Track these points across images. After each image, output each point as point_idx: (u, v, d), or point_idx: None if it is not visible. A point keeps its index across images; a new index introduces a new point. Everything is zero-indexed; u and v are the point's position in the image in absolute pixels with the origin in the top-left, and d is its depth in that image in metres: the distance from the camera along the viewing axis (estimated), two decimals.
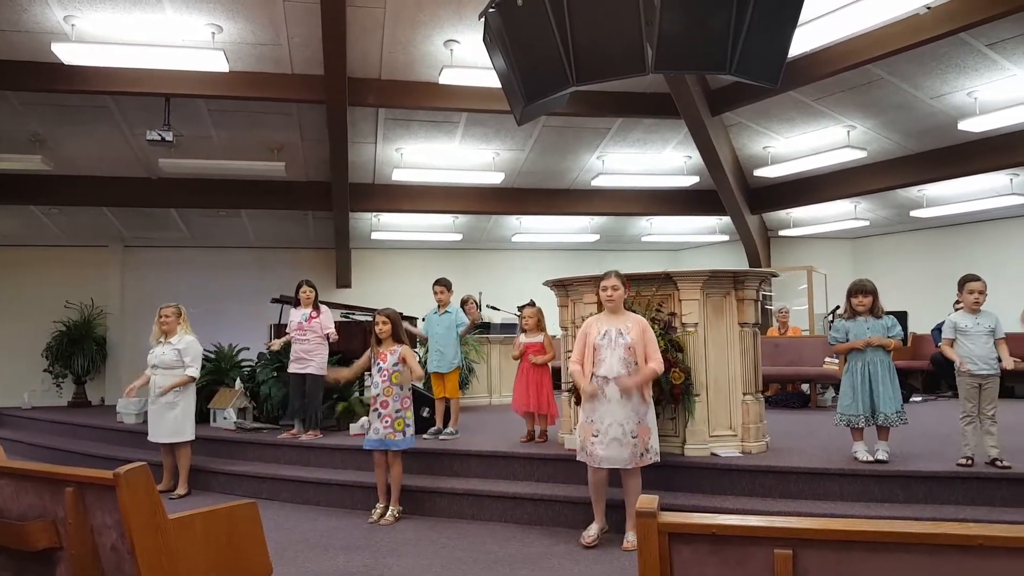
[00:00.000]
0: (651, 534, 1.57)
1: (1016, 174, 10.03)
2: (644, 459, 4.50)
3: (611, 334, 4.49)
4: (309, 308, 7.06)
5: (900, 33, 7.37)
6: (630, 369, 4.44)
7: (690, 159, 11.33)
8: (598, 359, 4.49)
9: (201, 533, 2.44)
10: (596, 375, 4.50)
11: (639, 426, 4.45)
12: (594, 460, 4.51)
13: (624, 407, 4.42)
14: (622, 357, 4.44)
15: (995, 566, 1.37)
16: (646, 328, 4.58)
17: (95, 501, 2.24)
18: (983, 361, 4.90)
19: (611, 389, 4.44)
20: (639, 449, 4.45)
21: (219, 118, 9.49)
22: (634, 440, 4.43)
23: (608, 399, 4.45)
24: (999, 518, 4.41)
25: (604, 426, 4.45)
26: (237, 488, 6.44)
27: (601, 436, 4.45)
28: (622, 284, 4.62)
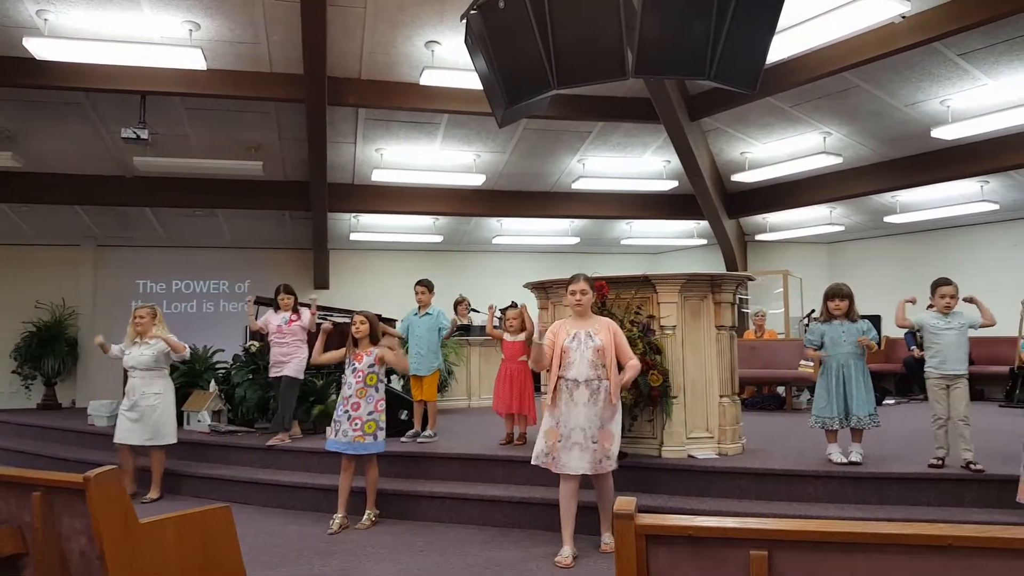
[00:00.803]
0: (628, 536, 1.58)
1: (986, 181, 10.20)
2: (602, 466, 4.40)
3: (580, 336, 4.46)
4: (289, 312, 7.01)
5: (875, 42, 7.48)
6: (599, 372, 4.40)
7: (669, 163, 11.40)
8: (567, 361, 4.44)
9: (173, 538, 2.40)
10: (565, 378, 4.43)
11: (601, 431, 4.38)
12: (555, 466, 4.41)
13: (589, 411, 4.36)
14: (590, 360, 4.41)
15: (965, 565, 1.39)
16: (616, 330, 4.55)
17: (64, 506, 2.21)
18: (952, 361, 4.97)
19: (580, 393, 4.39)
20: (599, 455, 4.37)
21: (196, 116, 9.40)
22: (594, 445, 4.36)
23: (576, 402, 4.40)
24: (968, 518, 4.48)
25: (568, 430, 4.39)
26: (211, 492, 6.36)
27: (564, 441, 4.39)
28: (591, 288, 4.59)
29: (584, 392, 4.38)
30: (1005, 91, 8.01)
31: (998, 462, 4.94)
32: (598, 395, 4.39)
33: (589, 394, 4.38)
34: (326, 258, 13.20)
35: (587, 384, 4.39)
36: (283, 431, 6.81)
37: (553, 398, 4.48)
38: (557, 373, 4.46)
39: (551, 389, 4.50)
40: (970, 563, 1.39)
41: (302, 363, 6.92)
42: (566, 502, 4.49)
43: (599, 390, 4.39)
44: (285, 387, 6.87)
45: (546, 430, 4.52)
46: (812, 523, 1.53)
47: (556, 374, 4.47)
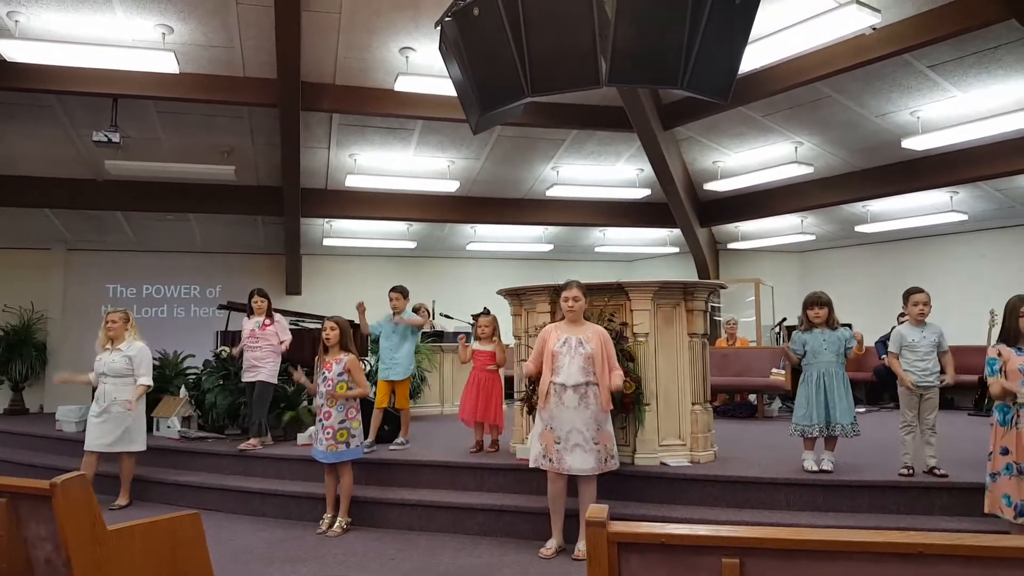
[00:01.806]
0: (601, 543, 1.57)
1: (956, 192, 10.40)
2: (608, 464, 4.55)
3: (571, 342, 4.53)
4: (262, 317, 6.94)
5: (847, 52, 7.59)
6: (588, 377, 4.48)
7: (642, 172, 11.48)
8: (557, 366, 4.53)
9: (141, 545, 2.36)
10: (554, 382, 4.51)
11: (599, 432, 4.49)
12: (562, 466, 4.50)
13: (583, 413, 4.46)
14: (581, 366, 4.48)
15: (934, 572, 1.41)
16: (607, 340, 4.64)
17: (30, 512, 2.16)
18: (926, 373, 5.04)
19: (568, 396, 4.46)
20: (603, 455, 4.50)
21: (168, 120, 9.30)
22: (597, 447, 4.47)
23: (566, 406, 4.47)
24: (938, 526, 4.53)
25: (564, 432, 4.47)
26: (180, 499, 6.27)
27: (563, 443, 4.47)
28: (583, 294, 4.66)
29: (573, 396, 4.46)
30: (974, 103, 8.17)
31: (966, 470, 5.01)
32: (587, 399, 4.47)
33: (578, 398, 4.47)
34: (298, 263, 13.10)
35: (575, 389, 4.47)
36: (258, 436, 6.73)
37: (543, 401, 4.55)
38: (548, 378, 4.53)
39: (542, 393, 4.57)
40: (939, 570, 1.41)
41: (275, 368, 6.86)
42: (555, 500, 4.64)
43: (587, 394, 4.48)
44: (259, 392, 6.80)
45: (539, 433, 4.62)
46: (783, 531, 1.53)
47: (547, 379, 4.53)
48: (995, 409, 4.14)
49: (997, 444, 4.05)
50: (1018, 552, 1.39)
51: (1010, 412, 4.02)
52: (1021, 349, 4.07)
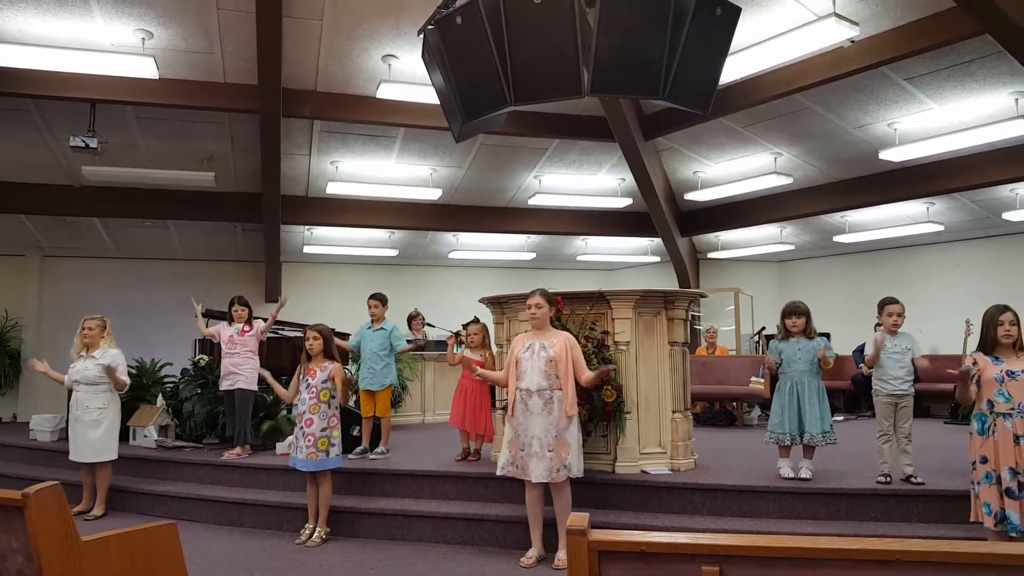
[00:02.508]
0: (581, 552, 1.57)
1: (932, 203, 10.54)
2: (559, 475, 4.47)
3: (535, 347, 4.56)
4: (242, 324, 6.89)
5: (826, 65, 7.69)
6: (551, 382, 4.48)
7: (624, 181, 11.54)
8: (520, 371, 4.55)
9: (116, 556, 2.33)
10: (519, 388, 4.54)
11: (556, 440, 4.46)
12: (526, 473, 4.52)
13: (544, 420, 4.46)
14: (542, 369, 4.49)
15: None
16: (573, 345, 4.65)
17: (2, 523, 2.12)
18: (900, 381, 5.10)
19: (534, 402, 4.47)
20: (555, 464, 4.45)
21: (147, 125, 9.22)
22: (550, 454, 4.44)
23: (531, 411, 4.48)
24: (915, 533, 4.58)
25: (528, 439, 4.49)
26: (157, 509, 6.19)
27: (527, 449, 4.49)
28: (547, 302, 4.69)
29: (537, 401, 4.47)
30: (950, 115, 8.30)
31: (942, 478, 5.07)
32: (551, 404, 4.46)
33: (543, 404, 4.46)
34: (278, 271, 13.02)
35: (540, 394, 4.47)
36: (241, 445, 6.67)
37: (511, 409, 4.58)
38: (515, 385, 4.54)
39: (510, 401, 4.59)
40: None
41: (254, 374, 6.80)
42: (532, 508, 4.66)
43: (552, 400, 4.47)
44: (240, 400, 6.74)
45: (508, 440, 4.65)
46: (763, 538, 1.54)
47: (514, 386, 4.54)
48: (973, 418, 4.18)
49: (976, 453, 4.09)
50: (993, 558, 1.41)
51: (987, 421, 4.07)
52: (998, 359, 4.13)
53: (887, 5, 6.81)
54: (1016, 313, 4.15)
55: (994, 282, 10.91)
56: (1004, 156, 8.82)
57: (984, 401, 4.10)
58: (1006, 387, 4.02)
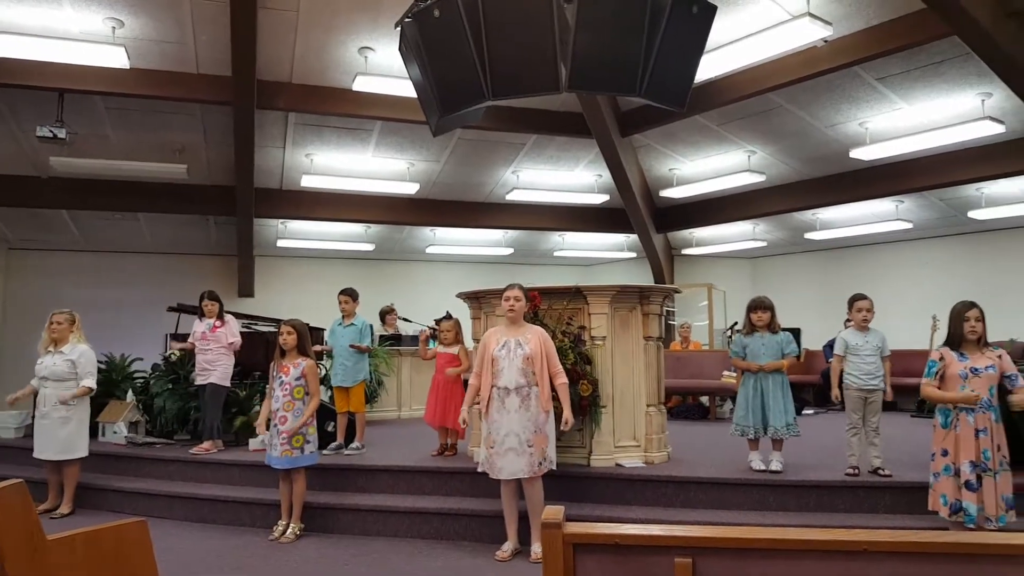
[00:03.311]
0: (556, 545, 1.58)
1: (901, 201, 10.71)
2: (541, 468, 4.52)
3: (510, 345, 4.55)
4: (214, 319, 6.81)
5: (799, 64, 7.78)
6: (528, 379, 4.49)
7: (601, 178, 11.58)
8: (496, 369, 4.54)
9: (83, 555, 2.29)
10: (496, 386, 4.53)
11: (535, 435, 4.48)
12: (493, 471, 4.53)
13: (522, 416, 4.46)
14: (520, 367, 4.49)
15: (879, 569, 1.45)
16: (546, 339, 4.64)
17: None
18: (869, 376, 5.18)
19: (511, 400, 4.47)
20: (536, 458, 4.48)
21: (117, 116, 9.08)
22: (530, 449, 4.45)
23: (507, 410, 4.47)
24: (882, 524, 4.66)
25: (501, 436, 4.48)
26: (127, 506, 6.11)
27: (498, 447, 4.49)
28: (524, 296, 4.68)
29: (515, 399, 4.47)
30: (919, 115, 8.43)
31: (909, 470, 5.16)
32: (529, 401, 4.48)
33: (520, 401, 4.46)
34: (251, 265, 12.91)
35: (517, 391, 4.47)
36: (211, 439, 6.60)
37: (487, 406, 4.56)
38: (490, 382, 4.53)
39: (484, 398, 4.57)
40: (883, 566, 1.45)
41: (228, 370, 6.74)
42: (507, 504, 4.67)
43: (529, 396, 4.49)
44: (211, 394, 6.67)
45: (484, 437, 4.66)
46: (734, 530, 1.56)
47: (489, 383, 4.53)
48: (937, 412, 4.27)
49: (938, 446, 4.18)
50: (954, 547, 1.44)
51: (951, 415, 4.16)
52: (964, 355, 4.21)
53: (860, 6, 6.90)
54: (982, 310, 4.24)
55: (960, 279, 11.12)
56: (971, 156, 8.99)
57: None
58: (969, 383, 4.11)
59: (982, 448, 4.02)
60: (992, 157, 8.87)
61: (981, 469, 4.02)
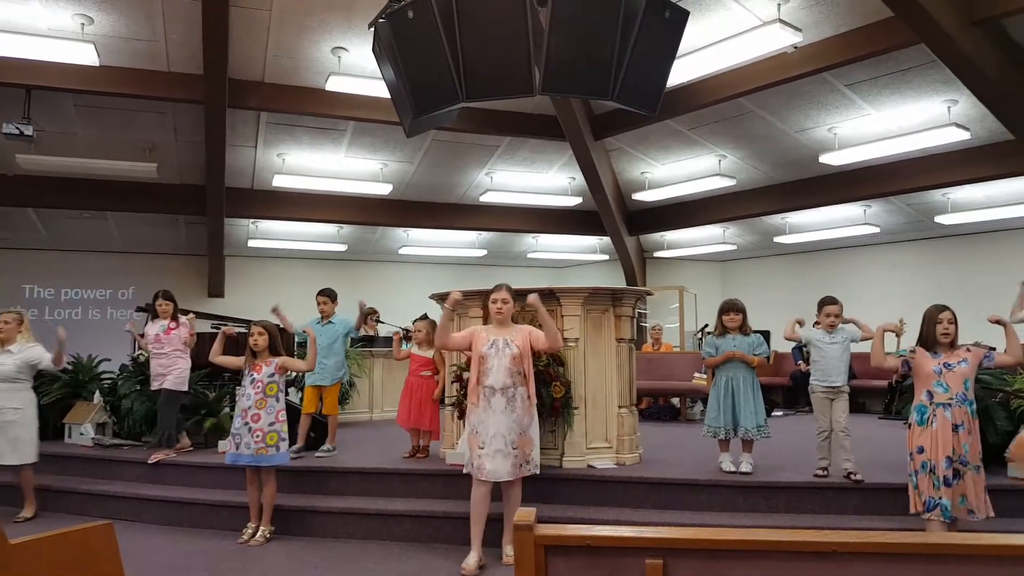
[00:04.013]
0: (528, 547, 1.58)
1: (869, 206, 10.88)
2: (523, 470, 4.51)
3: (499, 344, 4.53)
4: (167, 320, 6.67)
5: (769, 69, 7.87)
6: (516, 379, 4.47)
7: (574, 180, 11.63)
8: (485, 368, 4.50)
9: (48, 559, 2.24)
10: (483, 384, 4.49)
11: (520, 437, 4.46)
12: (481, 473, 4.46)
13: (508, 417, 4.43)
14: (508, 367, 4.47)
15: (848, 570, 1.47)
16: (532, 331, 4.64)
17: None
18: (835, 375, 5.25)
19: (497, 400, 4.45)
20: (519, 460, 4.46)
21: (86, 114, 8.93)
22: (514, 451, 4.43)
23: (493, 409, 4.45)
24: (851, 525, 4.73)
25: (488, 437, 4.44)
26: (94, 509, 6.01)
27: (487, 448, 4.44)
28: (512, 298, 4.67)
29: (501, 399, 4.44)
30: (887, 121, 8.58)
31: (877, 471, 5.24)
32: (515, 402, 4.45)
33: (506, 401, 4.44)
34: (222, 265, 12.77)
35: (503, 391, 4.45)
36: (164, 448, 6.46)
37: (472, 405, 4.53)
38: (477, 380, 4.51)
39: (471, 397, 4.55)
40: (852, 568, 1.47)
41: (183, 374, 6.58)
42: (477, 507, 4.53)
43: (515, 397, 4.46)
44: (164, 400, 6.51)
45: (468, 436, 4.61)
46: (705, 531, 1.58)
47: (476, 381, 4.52)
48: (912, 410, 4.32)
49: (914, 443, 4.22)
50: (924, 548, 1.47)
51: (927, 412, 4.21)
52: (936, 353, 4.28)
53: (829, 13, 7.00)
54: (954, 312, 4.32)
55: (927, 283, 11.33)
56: (937, 162, 9.16)
57: (923, 393, 4.24)
58: (944, 378, 4.18)
59: (961, 442, 4.08)
60: (958, 163, 9.05)
61: (960, 463, 4.07)
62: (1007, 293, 10.25)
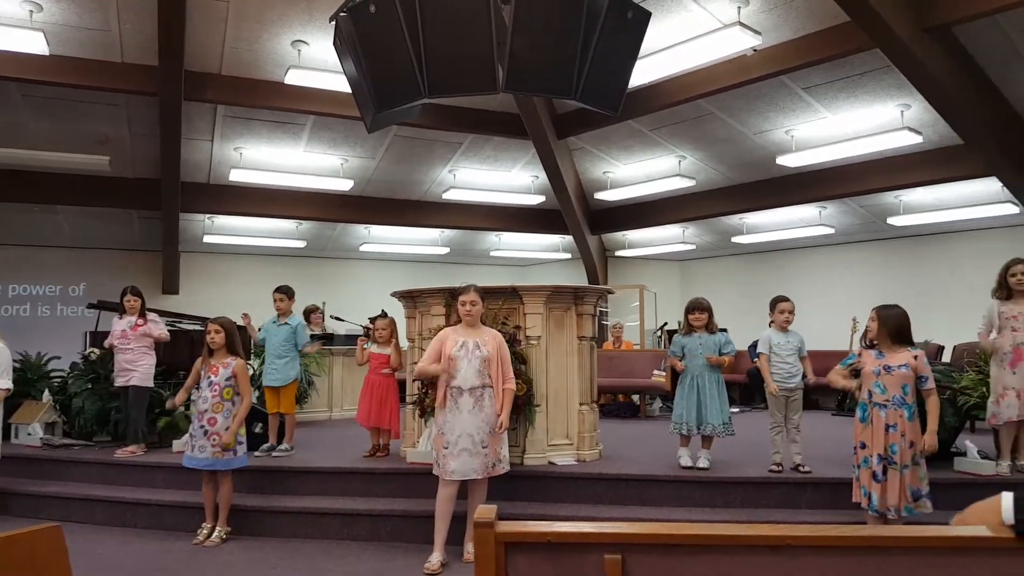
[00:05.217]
0: (488, 544, 1.58)
1: (824, 207, 11.10)
2: (496, 469, 4.52)
3: (468, 346, 4.52)
4: (135, 316, 6.56)
5: (729, 72, 7.98)
6: (484, 381, 4.48)
7: (537, 179, 11.65)
8: (454, 369, 4.49)
9: None
10: (451, 386, 4.48)
11: (490, 436, 4.47)
12: (446, 473, 4.45)
13: (475, 417, 4.43)
14: (477, 369, 4.47)
15: (801, 563, 1.50)
16: (502, 344, 4.64)
17: None
18: (790, 376, 5.37)
19: (464, 400, 4.44)
20: (490, 459, 4.48)
21: (35, 104, 8.68)
22: (484, 450, 4.44)
23: (460, 410, 4.44)
24: (804, 519, 4.83)
25: (454, 437, 4.43)
26: (42, 511, 5.84)
27: (451, 448, 4.43)
28: (480, 299, 4.65)
29: (468, 400, 4.44)
30: (842, 124, 8.76)
31: (829, 466, 5.36)
32: (482, 401, 4.45)
33: (473, 401, 4.44)
34: (176, 261, 12.52)
35: (471, 392, 4.44)
36: (136, 443, 6.36)
37: (440, 405, 4.52)
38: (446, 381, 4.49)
39: (439, 397, 4.53)
40: (805, 560, 1.50)
41: (150, 370, 6.50)
42: (443, 507, 4.52)
43: (483, 397, 4.46)
44: (134, 397, 6.42)
45: (434, 437, 4.61)
46: (663, 527, 1.59)
47: (445, 382, 4.50)
48: (857, 407, 4.45)
49: (858, 439, 4.37)
50: (871, 541, 1.51)
51: (867, 410, 4.34)
52: (882, 353, 4.39)
53: (788, 17, 7.12)
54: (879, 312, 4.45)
55: (879, 282, 11.60)
56: (890, 164, 9.39)
57: (865, 392, 4.39)
58: (882, 380, 4.31)
59: (890, 442, 4.21)
60: (910, 166, 9.28)
61: (888, 462, 4.20)
62: (955, 292, 10.58)
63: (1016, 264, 5.12)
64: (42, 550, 2.35)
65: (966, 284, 10.25)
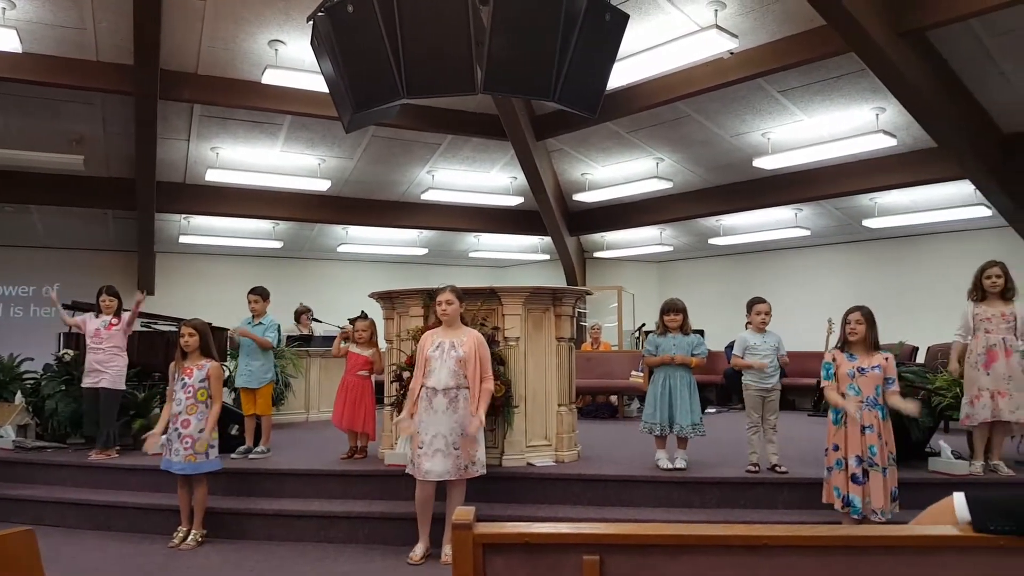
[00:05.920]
0: (466, 546, 1.58)
1: (800, 209, 11.21)
2: (469, 471, 4.51)
3: (444, 346, 4.52)
4: (110, 316, 6.47)
5: (706, 74, 8.03)
6: (459, 382, 4.47)
7: (516, 180, 11.66)
8: (429, 370, 4.50)
9: None
10: (426, 385, 4.49)
11: (463, 438, 4.46)
12: (420, 473, 4.47)
13: (449, 418, 4.43)
14: (452, 369, 4.47)
15: (777, 562, 1.51)
16: (481, 344, 4.63)
17: None
18: (767, 376, 5.42)
19: (438, 400, 4.44)
20: (462, 461, 4.47)
21: (8, 103, 8.54)
22: (456, 452, 4.44)
23: (435, 410, 4.44)
24: (780, 519, 4.87)
25: (428, 437, 4.44)
26: (14, 515, 5.74)
27: (425, 448, 4.44)
28: (456, 299, 4.65)
29: (442, 400, 4.44)
30: (818, 127, 8.84)
31: (805, 466, 5.41)
32: (457, 403, 4.45)
33: (447, 402, 4.44)
34: (152, 262, 12.38)
35: (445, 392, 4.44)
36: (106, 447, 6.27)
37: (414, 406, 4.52)
38: (420, 382, 4.51)
39: (411, 397, 4.54)
40: (781, 560, 1.51)
41: (122, 372, 6.40)
42: (421, 507, 4.59)
43: (457, 398, 4.46)
44: (105, 400, 6.32)
45: (409, 438, 4.60)
46: (640, 527, 1.60)
47: (419, 382, 4.51)
48: (830, 409, 4.51)
49: (831, 441, 4.42)
50: (846, 540, 1.53)
51: (840, 412, 4.39)
52: (853, 355, 4.45)
53: (764, 20, 7.19)
54: (865, 312, 4.49)
55: (854, 284, 11.73)
56: (865, 167, 9.50)
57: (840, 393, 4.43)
58: (856, 382, 4.36)
59: (868, 444, 4.26)
60: (885, 169, 9.39)
61: (868, 464, 4.25)
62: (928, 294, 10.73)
63: (991, 267, 5.21)
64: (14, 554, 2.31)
65: (941, 285, 10.39)
